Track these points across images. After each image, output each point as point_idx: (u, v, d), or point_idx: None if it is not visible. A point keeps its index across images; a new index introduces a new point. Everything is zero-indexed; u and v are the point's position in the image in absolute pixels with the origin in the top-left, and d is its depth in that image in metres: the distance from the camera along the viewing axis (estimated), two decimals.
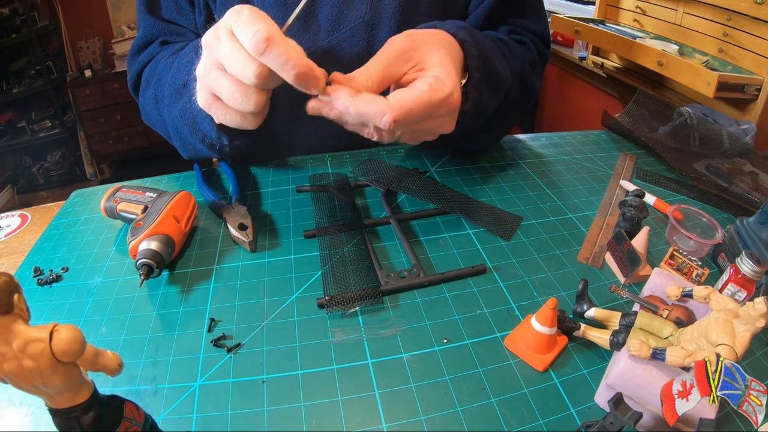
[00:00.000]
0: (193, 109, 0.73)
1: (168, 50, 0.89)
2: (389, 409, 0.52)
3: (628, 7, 2.09)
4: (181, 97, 0.77)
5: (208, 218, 0.82)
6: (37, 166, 3.99)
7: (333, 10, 0.84)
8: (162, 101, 0.83)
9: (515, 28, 0.96)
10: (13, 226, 0.89)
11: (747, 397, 0.39)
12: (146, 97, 0.91)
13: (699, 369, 0.42)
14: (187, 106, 0.75)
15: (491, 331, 0.61)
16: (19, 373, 0.34)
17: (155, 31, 0.94)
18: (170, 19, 0.93)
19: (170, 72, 0.80)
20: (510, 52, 0.87)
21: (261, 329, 0.61)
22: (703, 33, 1.75)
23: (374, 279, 0.67)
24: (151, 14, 0.93)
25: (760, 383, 0.40)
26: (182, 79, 0.76)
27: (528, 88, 0.94)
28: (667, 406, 0.43)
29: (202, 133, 0.77)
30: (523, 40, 0.96)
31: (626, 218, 0.74)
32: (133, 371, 0.56)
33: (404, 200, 0.86)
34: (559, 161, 0.99)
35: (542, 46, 1.00)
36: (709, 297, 0.50)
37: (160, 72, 0.85)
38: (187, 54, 0.77)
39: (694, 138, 1.05)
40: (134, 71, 0.96)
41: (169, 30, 0.94)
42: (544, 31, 1.00)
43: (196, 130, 0.77)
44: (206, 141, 0.78)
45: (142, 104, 0.96)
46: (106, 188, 0.81)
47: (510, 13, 0.95)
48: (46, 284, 0.70)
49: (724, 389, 0.40)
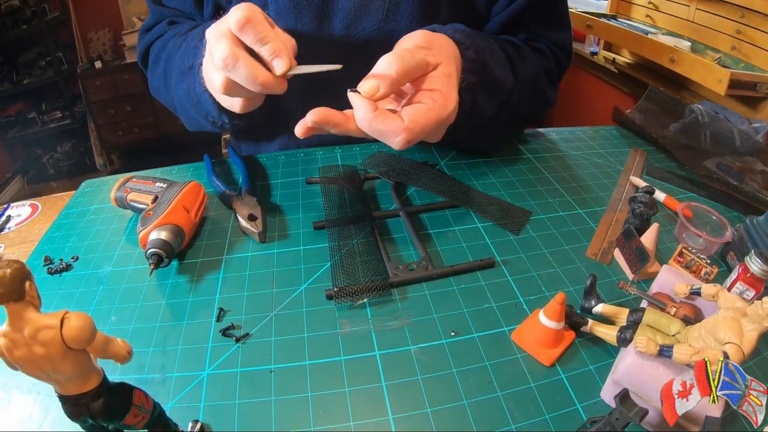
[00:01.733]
0: (197, 90, 0.78)
1: (176, 29, 0.93)
2: (396, 401, 0.52)
3: (640, 2, 2.08)
4: (186, 78, 0.81)
5: (217, 209, 0.82)
6: (47, 157, 4.01)
7: (348, 17, 0.84)
8: (170, 79, 0.88)
9: (534, 36, 0.96)
10: (24, 215, 0.90)
11: (747, 397, 0.39)
12: (156, 73, 0.95)
13: (699, 369, 0.42)
14: (192, 87, 0.79)
15: (499, 324, 0.61)
16: (29, 360, 0.35)
17: (162, 16, 1.00)
18: (173, 6, 0.98)
19: (178, 53, 0.85)
20: (520, 57, 0.87)
21: (269, 319, 0.61)
22: (715, 30, 1.73)
23: (383, 271, 0.67)
24: (156, 3, 0.99)
25: (760, 383, 0.40)
26: (188, 62, 0.80)
27: (541, 97, 0.94)
28: (667, 406, 0.43)
29: (205, 111, 0.81)
30: (541, 49, 0.95)
31: (636, 215, 0.73)
32: (142, 360, 0.57)
33: (413, 193, 0.86)
34: (569, 156, 0.99)
35: (562, 57, 1.00)
36: (717, 295, 0.50)
37: (170, 51, 0.89)
38: (193, 39, 0.81)
39: (705, 135, 1.05)
40: (143, 46, 1.02)
41: (175, 14, 0.99)
42: (567, 43, 1.00)
43: (200, 108, 0.81)
44: (209, 118, 0.83)
45: (150, 79, 1.01)
46: (117, 178, 0.82)
47: (531, 22, 0.94)
48: (56, 273, 0.70)
49: (724, 389, 0.40)
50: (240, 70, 0.61)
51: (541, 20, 0.95)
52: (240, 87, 0.64)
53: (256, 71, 0.61)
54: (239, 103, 0.70)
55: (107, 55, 3.95)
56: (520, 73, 0.85)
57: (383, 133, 0.60)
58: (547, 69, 0.95)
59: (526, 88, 0.87)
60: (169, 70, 0.88)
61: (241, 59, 0.61)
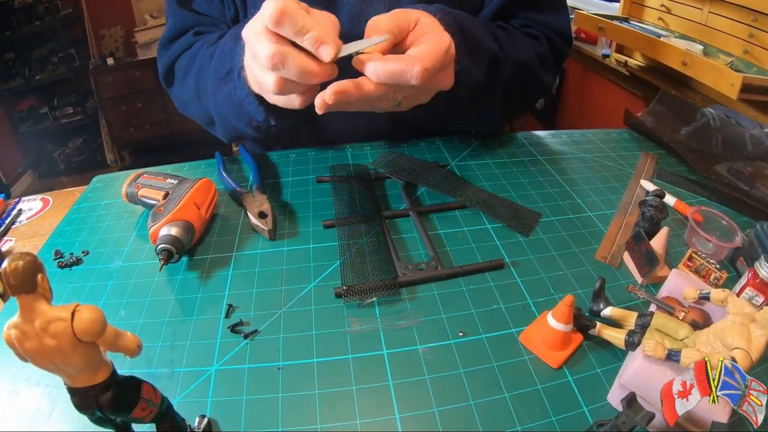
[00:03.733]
0: (239, 96, 0.76)
1: (205, 40, 0.91)
2: (403, 400, 0.52)
3: (652, 4, 2.07)
4: (225, 84, 0.79)
5: (228, 206, 0.83)
6: (58, 152, 4.04)
7: (353, 8, 0.85)
8: (204, 89, 0.87)
9: (528, 23, 0.96)
10: (35, 209, 0.90)
11: (747, 397, 0.39)
12: (186, 86, 0.93)
13: (699, 369, 0.42)
14: (233, 93, 0.78)
15: (507, 326, 0.61)
16: (40, 352, 0.35)
17: (187, 22, 0.96)
18: (201, 11, 0.95)
19: (212, 61, 0.83)
20: (509, 38, 0.88)
21: (278, 317, 0.62)
22: (728, 33, 1.72)
23: (392, 270, 0.68)
24: (183, 7, 0.95)
25: (760, 383, 0.40)
26: (225, 67, 0.78)
27: (535, 80, 0.94)
28: (667, 406, 0.43)
29: (249, 116, 0.79)
30: (535, 35, 0.95)
31: (646, 218, 0.73)
32: (150, 354, 0.57)
33: (423, 193, 0.86)
34: (580, 159, 0.98)
35: (561, 43, 0.99)
36: (726, 300, 0.50)
37: (201, 62, 0.88)
38: (227, 43, 0.80)
39: (717, 140, 1.04)
40: (166, 63, 0.98)
41: (201, 21, 0.96)
42: (564, 28, 1.00)
43: (242, 114, 0.79)
44: (252, 124, 0.81)
45: (177, 94, 0.98)
46: (128, 174, 0.82)
47: (524, 8, 0.95)
48: (66, 267, 0.71)
49: (724, 389, 0.40)
50: (290, 66, 0.60)
51: (535, 4, 0.96)
52: (293, 83, 0.63)
53: (306, 64, 0.60)
54: (297, 99, 0.67)
55: (119, 52, 3.97)
56: (506, 48, 0.86)
57: (399, 72, 0.61)
58: (540, 53, 0.95)
59: (517, 68, 0.88)
60: (202, 82, 0.88)
61: (288, 55, 0.59)
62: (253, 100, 0.75)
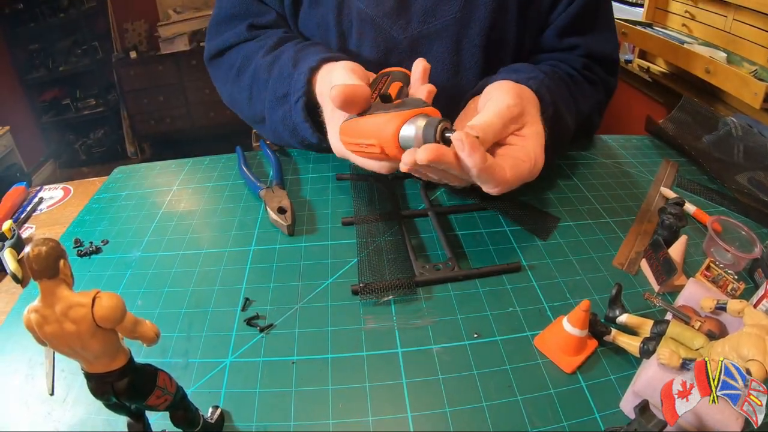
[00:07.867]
0: (295, 120, 0.82)
1: (261, 42, 0.92)
2: (415, 399, 0.52)
3: (677, 11, 2.05)
4: (282, 106, 0.83)
5: (247, 200, 0.83)
6: (79, 143, 4.08)
7: (427, 2, 0.85)
8: (258, 96, 0.89)
9: (589, 63, 0.95)
10: (56, 198, 0.91)
11: (747, 397, 0.39)
12: (237, 87, 0.94)
13: (699, 369, 0.41)
14: (288, 115, 0.82)
15: (522, 329, 0.61)
16: (59, 336, 0.35)
17: (236, 7, 0.96)
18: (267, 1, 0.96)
19: (271, 78, 0.85)
20: (582, 95, 0.89)
21: (294, 311, 0.62)
22: (752, 41, 1.70)
23: (409, 269, 0.68)
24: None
25: (760, 383, 0.40)
26: (282, 90, 0.82)
27: (588, 126, 0.97)
28: (667, 406, 0.43)
29: (303, 137, 0.84)
30: (593, 80, 0.95)
31: (665, 226, 0.73)
32: (166, 344, 0.58)
33: (443, 194, 0.86)
34: (600, 164, 0.98)
35: (611, 80, 1.00)
36: (743, 311, 0.49)
37: (256, 68, 0.89)
38: (287, 65, 0.82)
39: (738, 149, 1.03)
40: (216, 46, 0.99)
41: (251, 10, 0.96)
42: (614, 54, 0.99)
43: (296, 135, 0.84)
44: (305, 143, 0.86)
45: (228, 88, 0.99)
46: (148, 166, 0.83)
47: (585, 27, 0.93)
48: (85, 255, 0.72)
49: (724, 389, 0.39)
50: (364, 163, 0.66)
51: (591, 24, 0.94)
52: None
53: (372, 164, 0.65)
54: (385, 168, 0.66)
55: (142, 46, 4.00)
56: (580, 111, 0.87)
57: (487, 182, 0.60)
58: (599, 100, 0.96)
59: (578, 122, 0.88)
60: (256, 89, 0.89)
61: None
62: (309, 128, 0.80)
